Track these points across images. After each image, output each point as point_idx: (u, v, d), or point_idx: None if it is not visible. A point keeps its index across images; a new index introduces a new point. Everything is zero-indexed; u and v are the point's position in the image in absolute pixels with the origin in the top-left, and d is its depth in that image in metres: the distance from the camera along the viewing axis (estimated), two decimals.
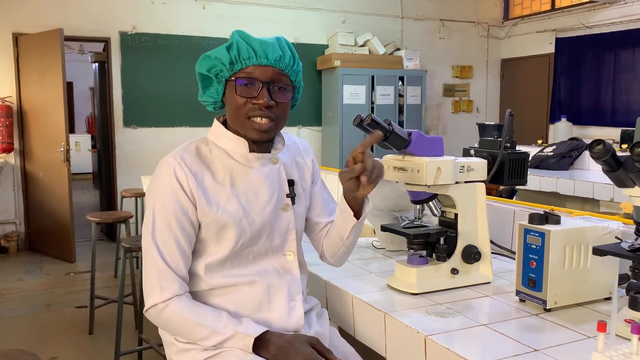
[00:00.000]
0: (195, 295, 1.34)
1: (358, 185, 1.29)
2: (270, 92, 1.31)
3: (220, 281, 1.33)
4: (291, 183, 1.42)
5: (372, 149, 1.43)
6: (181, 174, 1.29)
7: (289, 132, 1.50)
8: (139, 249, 2.83)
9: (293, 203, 1.41)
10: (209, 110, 1.44)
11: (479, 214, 1.59)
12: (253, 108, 1.31)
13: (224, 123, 1.41)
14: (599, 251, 1.27)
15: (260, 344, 1.26)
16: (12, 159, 5.64)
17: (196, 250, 1.34)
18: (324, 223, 1.53)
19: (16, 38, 5.56)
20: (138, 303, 3.48)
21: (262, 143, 1.37)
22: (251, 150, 1.37)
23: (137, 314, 3.50)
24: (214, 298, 1.34)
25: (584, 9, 7.15)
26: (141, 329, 3.09)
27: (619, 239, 1.36)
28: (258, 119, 1.31)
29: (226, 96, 1.36)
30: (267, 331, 1.27)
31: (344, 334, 1.55)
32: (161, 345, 2.78)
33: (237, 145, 1.36)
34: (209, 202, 1.30)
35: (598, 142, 1.18)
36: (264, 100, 1.30)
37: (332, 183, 3.10)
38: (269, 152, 1.40)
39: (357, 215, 1.40)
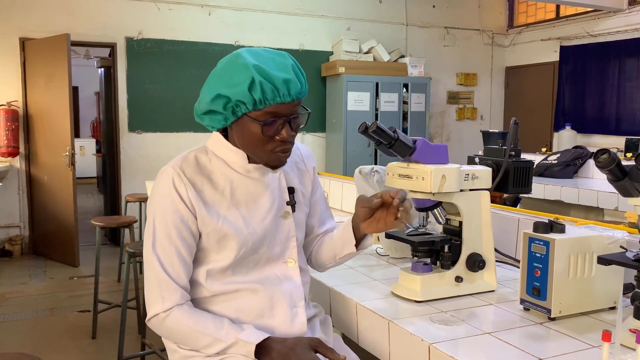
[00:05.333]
0: (196, 302, 1.35)
1: (368, 217, 1.36)
2: (290, 125, 1.30)
3: (221, 288, 1.34)
4: (291, 190, 1.42)
5: (375, 155, 1.46)
6: (180, 184, 1.29)
7: None
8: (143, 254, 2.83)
9: (293, 210, 1.41)
10: (209, 130, 1.40)
11: (483, 222, 1.59)
12: (277, 144, 1.29)
13: (223, 132, 1.39)
14: (604, 260, 1.26)
15: (262, 350, 1.26)
16: (17, 162, 5.67)
17: (197, 258, 1.34)
18: (318, 232, 1.55)
19: (23, 43, 5.60)
20: (141, 308, 3.48)
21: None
22: (251, 161, 1.36)
23: (140, 318, 3.50)
24: (216, 305, 1.34)
25: (588, 18, 7.16)
26: (144, 333, 3.09)
27: (624, 248, 1.36)
28: (281, 153, 1.31)
29: (238, 126, 1.30)
30: (268, 337, 1.27)
31: (347, 340, 1.55)
32: (164, 350, 2.79)
33: (236, 156, 1.36)
34: (209, 211, 1.30)
35: (603, 151, 1.19)
36: (287, 136, 1.29)
37: (336, 189, 3.11)
38: None
39: (357, 243, 1.43)
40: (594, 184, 4.50)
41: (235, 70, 1.25)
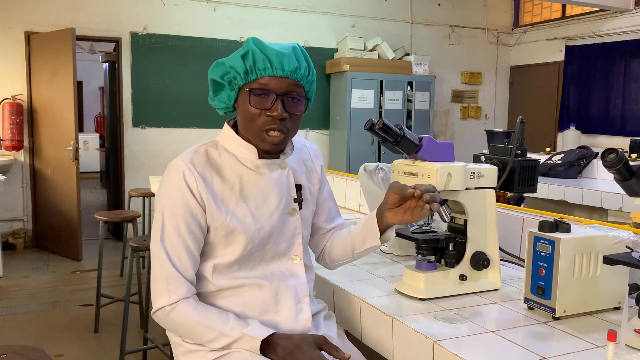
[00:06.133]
0: (202, 296, 1.35)
1: (397, 205, 1.33)
2: (284, 104, 1.29)
3: (227, 283, 1.34)
4: (299, 188, 1.42)
5: (379, 153, 1.47)
6: (190, 177, 1.29)
7: (297, 135, 1.50)
8: (146, 249, 2.84)
9: (300, 208, 1.42)
10: (220, 114, 1.43)
11: (488, 221, 1.58)
12: (267, 121, 1.29)
13: (234, 126, 1.40)
14: (609, 260, 1.26)
15: (267, 346, 1.26)
16: (21, 156, 5.68)
17: (204, 252, 1.34)
18: (327, 229, 1.55)
19: (28, 37, 5.60)
20: (144, 302, 3.49)
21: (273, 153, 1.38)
22: (260, 157, 1.37)
23: (142, 313, 3.51)
24: (221, 299, 1.34)
25: (594, 18, 7.14)
26: (146, 328, 3.10)
27: (629, 248, 1.36)
28: (271, 132, 1.30)
29: (238, 103, 1.34)
30: (274, 333, 1.27)
31: (350, 337, 1.55)
32: (166, 344, 2.80)
33: (246, 151, 1.36)
34: (218, 206, 1.31)
35: (611, 150, 1.18)
36: (277, 113, 1.28)
37: (339, 186, 3.10)
38: (278, 158, 1.40)
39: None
40: (598, 184, 4.49)
41: (240, 47, 1.33)
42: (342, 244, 1.50)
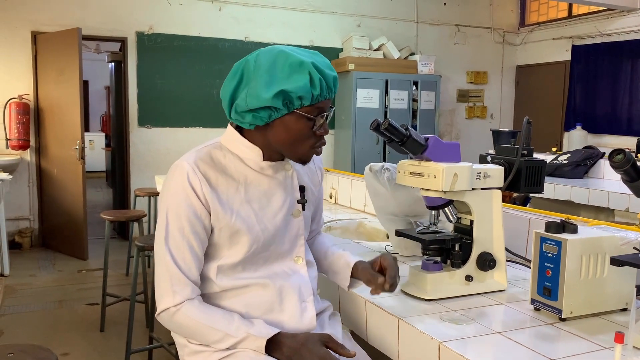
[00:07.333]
0: (206, 297, 1.35)
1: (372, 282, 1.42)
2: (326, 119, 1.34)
3: (231, 283, 1.34)
4: (302, 189, 1.43)
5: (384, 153, 1.50)
6: (194, 179, 1.28)
7: None
8: (152, 248, 2.84)
9: (303, 209, 1.42)
10: (245, 127, 1.35)
11: (494, 221, 1.58)
12: (317, 140, 1.33)
13: (237, 128, 1.39)
14: (617, 261, 1.25)
15: (272, 345, 1.26)
16: (27, 155, 5.70)
17: (208, 253, 1.34)
18: (310, 227, 1.57)
19: (35, 36, 5.62)
20: (149, 302, 3.49)
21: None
22: (265, 159, 1.36)
23: (148, 312, 3.52)
24: (225, 300, 1.34)
25: (601, 17, 7.10)
26: (152, 327, 3.11)
27: (637, 249, 1.35)
28: (317, 149, 1.35)
29: (284, 123, 1.29)
30: (279, 332, 1.28)
31: (356, 337, 1.55)
32: (171, 344, 2.80)
33: (251, 153, 1.36)
34: (223, 207, 1.30)
35: (618, 151, 1.18)
36: (326, 130, 1.34)
37: (344, 186, 3.10)
38: (282, 160, 1.40)
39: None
40: (605, 184, 4.47)
41: (292, 67, 1.26)
42: (318, 262, 1.57)
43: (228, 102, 1.32)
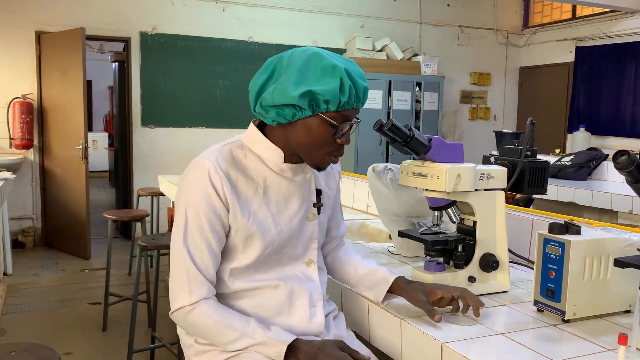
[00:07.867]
0: (217, 297, 1.34)
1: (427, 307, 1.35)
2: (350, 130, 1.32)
3: (243, 285, 1.33)
4: (318, 193, 1.42)
5: (387, 153, 1.48)
6: (216, 177, 1.27)
7: None
8: (155, 248, 2.85)
9: (319, 213, 1.42)
10: (268, 122, 1.33)
11: (497, 222, 1.57)
12: (336, 147, 1.32)
13: (259, 126, 1.38)
14: (620, 263, 1.25)
15: (288, 351, 1.25)
16: (31, 155, 5.72)
17: (222, 254, 1.33)
18: (333, 234, 1.56)
19: (39, 36, 5.64)
20: (152, 301, 3.50)
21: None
22: (286, 161, 1.36)
23: (150, 312, 3.52)
24: (235, 300, 1.34)
25: (605, 18, 7.09)
26: (154, 327, 3.11)
27: None
28: (334, 157, 1.33)
29: (307, 125, 1.28)
30: (296, 338, 1.27)
31: (358, 338, 1.54)
32: (173, 343, 2.81)
33: (273, 154, 1.34)
34: (242, 207, 1.29)
35: (622, 152, 1.17)
36: (348, 140, 1.32)
37: (347, 187, 3.10)
38: (302, 162, 1.38)
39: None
40: (608, 186, 4.45)
41: (325, 70, 1.25)
42: (345, 273, 1.55)
43: (255, 95, 1.30)
